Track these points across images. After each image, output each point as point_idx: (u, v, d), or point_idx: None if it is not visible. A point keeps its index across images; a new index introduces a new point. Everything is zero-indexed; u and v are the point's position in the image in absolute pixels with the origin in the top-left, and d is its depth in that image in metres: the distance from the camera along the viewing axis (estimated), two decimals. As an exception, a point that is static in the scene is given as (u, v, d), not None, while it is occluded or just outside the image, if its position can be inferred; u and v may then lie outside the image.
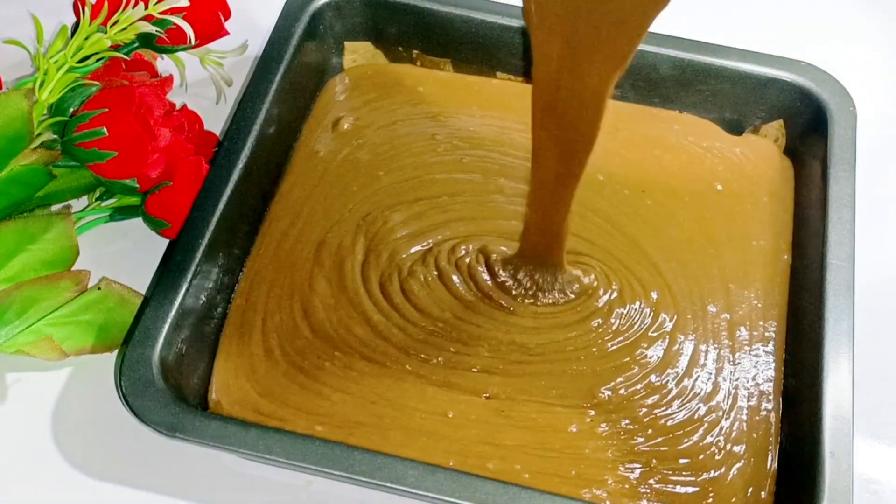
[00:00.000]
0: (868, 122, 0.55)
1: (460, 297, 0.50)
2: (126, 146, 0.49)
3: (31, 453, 0.47)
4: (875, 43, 0.66)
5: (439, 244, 0.52)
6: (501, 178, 0.55)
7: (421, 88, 0.59)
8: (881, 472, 0.48)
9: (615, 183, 0.55)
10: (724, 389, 0.48)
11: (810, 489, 0.42)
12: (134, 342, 0.44)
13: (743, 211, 0.54)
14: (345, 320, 0.49)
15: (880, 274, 0.54)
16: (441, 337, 0.49)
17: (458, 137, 0.57)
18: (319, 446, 0.42)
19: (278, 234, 0.53)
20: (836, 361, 0.45)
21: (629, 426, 0.46)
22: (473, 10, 0.58)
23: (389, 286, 0.50)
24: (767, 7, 0.67)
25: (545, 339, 0.49)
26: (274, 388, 0.47)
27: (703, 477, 0.45)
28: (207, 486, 0.46)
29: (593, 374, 0.48)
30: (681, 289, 0.51)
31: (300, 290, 0.50)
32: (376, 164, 0.56)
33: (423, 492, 0.41)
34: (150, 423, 0.42)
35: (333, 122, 0.57)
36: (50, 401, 0.48)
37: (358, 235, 0.52)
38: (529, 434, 0.46)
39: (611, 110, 0.40)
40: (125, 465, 0.47)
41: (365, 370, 0.48)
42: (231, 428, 0.42)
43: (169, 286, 0.46)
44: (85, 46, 0.51)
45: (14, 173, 0.48)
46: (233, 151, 0.51)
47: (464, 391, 0.47)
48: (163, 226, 0.51)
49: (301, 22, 0.57)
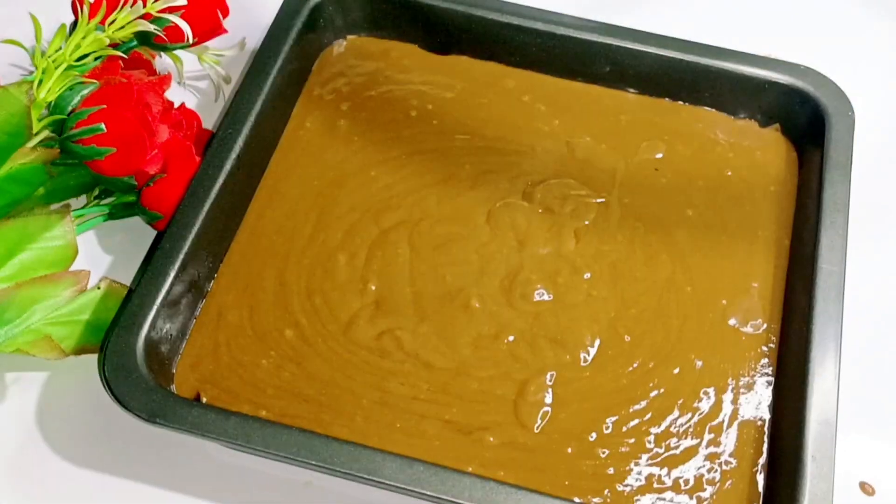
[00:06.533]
0: (866, 126, 0.55)
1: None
2: (125, 143, 0.49)
3: (22, 446, 0.48)
4: (875, 47, 0.65)
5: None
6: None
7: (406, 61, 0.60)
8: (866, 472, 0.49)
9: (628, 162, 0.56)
10: (726, 400, 0.48)
11: (791, 492, 0.43)
12: (118, 329, 0.45)
13: (752, 198, 0.55)
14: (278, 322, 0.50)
15: (873, 279, 0.54)
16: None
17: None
18: (299, 436, 0.43)
19: (253, 218, 0.53)
20: (821, 365, 0.46)
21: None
22: (474, 6, 0.58)
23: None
24: (767, 9, 0.67)
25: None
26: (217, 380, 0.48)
27: (696, 493, 0.46)
28: (194, 475, 0.47)
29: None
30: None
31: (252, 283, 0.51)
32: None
33: (401, 484, 0.42)
34: (131, 409, 0.43)
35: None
36: (44, 395, 0.49)
37: (311, 214, 0.53)
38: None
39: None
40: (115, 457, 0.47)
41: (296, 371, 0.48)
42: (211, 416, 0.43)
43: (155, 274, 0.47)
44: (83, 45, 0.51)
45: (13, 172, 0.48)
46: (225, 143, 0.51)
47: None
48: (156, 218, 0.51)
49: (301, 16, 0.57)
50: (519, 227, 0.53)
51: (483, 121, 0.57)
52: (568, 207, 0.54)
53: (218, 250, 0.51)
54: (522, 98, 0.58)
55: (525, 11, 0.58)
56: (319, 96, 0.58)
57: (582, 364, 0.49)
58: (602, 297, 0.51)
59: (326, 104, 0.58)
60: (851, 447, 0.48)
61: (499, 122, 0.57)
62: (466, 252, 0.52)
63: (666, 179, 0.55)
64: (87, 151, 0.49)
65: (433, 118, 0.57)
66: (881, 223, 0.57)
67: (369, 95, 0.58)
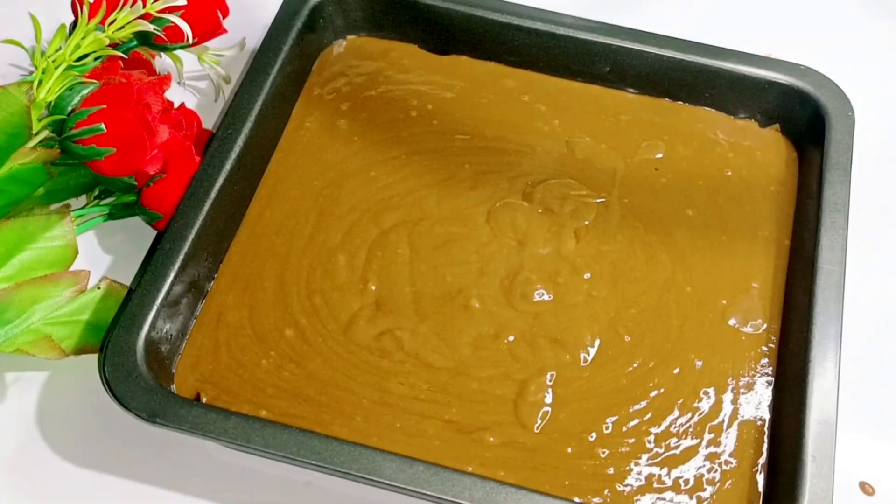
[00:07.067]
0: (866, 126, 0.55)
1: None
2: (125, 143, 0.49)
3: (22, 446, 0.48)
4: (875, 47, 0.65)
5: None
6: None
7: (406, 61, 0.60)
8: (866, 472, 0.49)
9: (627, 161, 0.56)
10: (725, 400, 0.48)
11: (791, 492, 0.43)
12: (118, 329, 0.45)
13: (752, 198, 0.55)
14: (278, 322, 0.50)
15: (873, 279, 0.54)
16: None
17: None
18: (299, 436, 0.43)
19: (253, 218, 0.53)
20: (821, 365, 0.46)
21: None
22: (474, 6, 0.58)
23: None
24: (767, 9, 0.67)
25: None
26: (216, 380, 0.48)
27: (696, 492, 0.46)
28: (194, 475, 0.47)
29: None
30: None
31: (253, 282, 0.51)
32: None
33: (401, 484, 0.42)
34: (131, 409, 0.43)
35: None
36: (44, 395, 0.49)
37: (311, 214, 0.53)
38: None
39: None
40: (115, 457, 0.47)
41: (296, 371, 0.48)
42: (211, 416, 0.43)
43: (155, 274, 0.47)
44: (83, 45, 0.51)
45: (13, 172, 0.48)
46: (225, 143, 0.51)
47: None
48: (156, 218, 0.51)
49: (301, 16, 0.57)
50: (519, 227, 0.53)
51: (483, 121, 0.57)
52: (568, 207, 0.54)
53: (218, 250, 0.51)
54: (522, 98, 0.58)
55: (525, 11, 0.58)
56: (319, 96, 0.58)
57: (582, 364, 0.49)
58: (602, 297, 0.51)
59: (326, 104, 0.58)
60: (851, 447, 0.48)
61: (499, 122, 0.57)
62: (466, 252, 0.52)
63: (666, 179, 0.55)
64: (87, 151, 0.49)
65: (433, 118, 0.57)
66: (881, 223, 0.57)
67: (369, 95, 0.58)
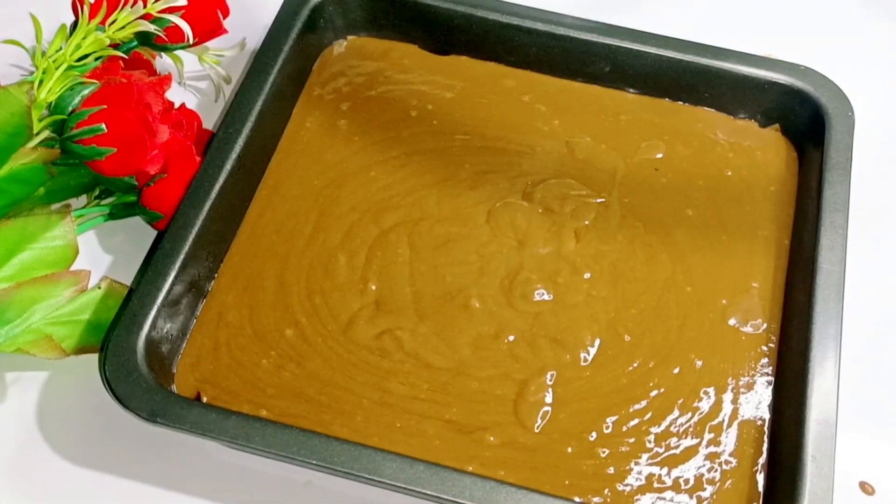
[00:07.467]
0: (866, 126, 0.55)
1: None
2: (125, 143, 0.49)
3: (22, 446, 0.48)
4: (875, 47, 0.65)
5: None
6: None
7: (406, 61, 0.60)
8: (866, 472, 0.49)
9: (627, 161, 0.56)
10: (725, 400, 0.48)
11: (791, 491, 0.43)
12: (119, 328, 0.45)
13: (752, 198, 0.55)
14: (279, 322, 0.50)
15: (873, 279, 0.54)
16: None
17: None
18: (299, 436, 0.43)
19: (253, 218, 0.53)
20: (821, 365, 0.46)
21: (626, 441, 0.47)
22: (474, 6, 0.58)
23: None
24: (767, 9, 0.67)
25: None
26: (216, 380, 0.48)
27: (696, 492, 0.46)
28: (194, 475, 0.47)
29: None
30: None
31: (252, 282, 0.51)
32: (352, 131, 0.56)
33: (401, 484, 0.42)
34: (132, 408, 0.43)
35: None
36: (44, 395, 0.49)
37: (311, 214, 0.53)
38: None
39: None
40: (115, 457, 0.47)
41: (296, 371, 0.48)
42: (211, 415, 0.43)
43: (155, 274, 0.47)
44: (83, 45, 0.51)
45: (13, 172, 0.48)
46: (225, 143, 0.52)
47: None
48: (157, 218, 0.51)
49: (301, 16, 0.57)
50: (519, 227, 0.53)
51: (483, 121, 0.57)
52: (568, 207, 0.54)
53: (218, 250, 0.51)
54: (522, 98, 0.58)
55: (525, 11, 0.58)
56: (319, 96, 0.58)
57: (582, 364, 0.49)
58: (602, 296, 0.51)
59: (326, 104, 0.58)
60: (851, 447, 0.48)
61: (499, 122, 0.57)
62: (466, 252, 0.52)
63: (666, 179, 0.55)
64: (87, 151, 0.49)
65: (433, 118, 0.57)
66: (881, 223, 0.57)
67: (369, 95, 0.58)
